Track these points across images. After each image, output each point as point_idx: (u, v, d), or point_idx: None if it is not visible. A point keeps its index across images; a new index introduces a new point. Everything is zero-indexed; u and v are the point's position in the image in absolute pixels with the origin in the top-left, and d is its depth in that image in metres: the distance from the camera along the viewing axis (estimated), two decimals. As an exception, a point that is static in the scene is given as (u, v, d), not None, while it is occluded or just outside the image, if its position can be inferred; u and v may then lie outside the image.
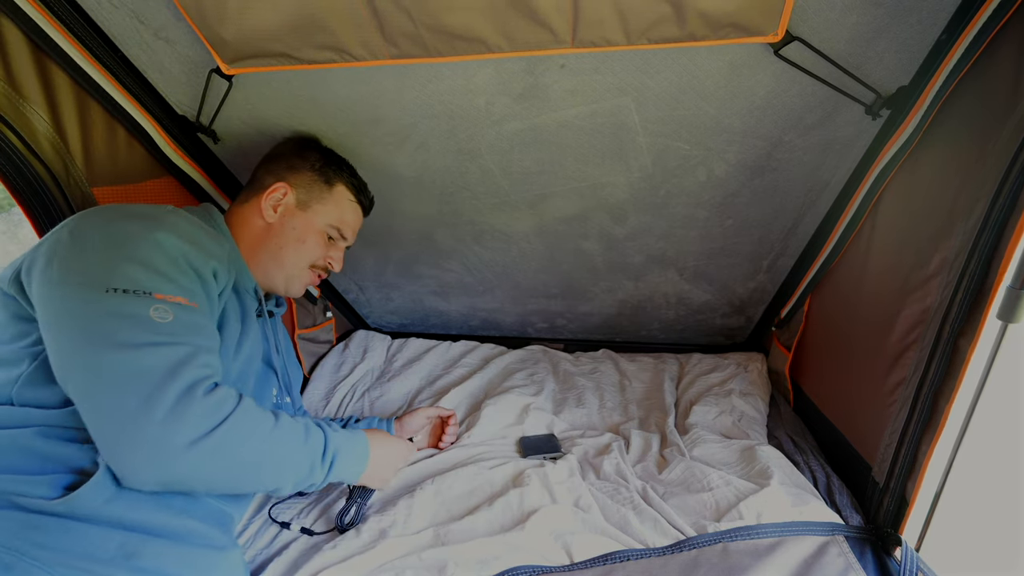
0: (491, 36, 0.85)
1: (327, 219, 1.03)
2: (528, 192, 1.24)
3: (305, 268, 1.02)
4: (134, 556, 0.68)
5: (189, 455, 0.67)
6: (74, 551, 0.65)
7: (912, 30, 0.82)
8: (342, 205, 1.06)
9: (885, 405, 0.92)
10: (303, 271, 1.02)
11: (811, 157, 1.06)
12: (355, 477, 0.93)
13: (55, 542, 0.64)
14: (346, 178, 1.07)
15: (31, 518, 0.64)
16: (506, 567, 0.85)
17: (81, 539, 0.66)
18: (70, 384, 0.68)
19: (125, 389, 0.65)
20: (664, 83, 0.94)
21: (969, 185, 0.78)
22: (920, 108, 0.86)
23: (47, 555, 0.63)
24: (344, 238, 1.08)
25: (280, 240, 0.98)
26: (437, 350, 1.71)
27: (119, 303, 0.68)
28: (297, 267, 1.01)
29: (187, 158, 1.19)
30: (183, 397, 0.67)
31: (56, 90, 0.97)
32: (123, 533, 0.69)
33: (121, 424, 0.65)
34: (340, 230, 1.06)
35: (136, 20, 0.94)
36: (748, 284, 1.45)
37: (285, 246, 0.99)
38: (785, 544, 0.85)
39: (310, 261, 1.02)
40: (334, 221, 1.04)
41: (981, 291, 0.74)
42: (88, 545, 0.66)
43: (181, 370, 0.69)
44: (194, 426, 0.67)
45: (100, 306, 0.68)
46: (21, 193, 0.97)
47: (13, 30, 0.89)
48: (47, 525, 0.65)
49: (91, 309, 0.68)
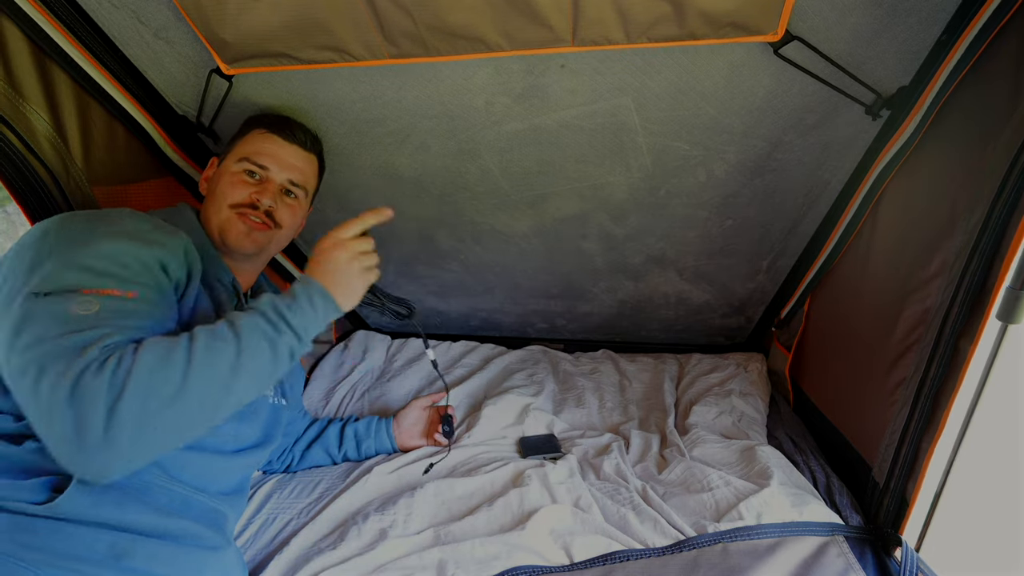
0: (491, 35, 0.85)
1: (235, 156, 0.98)
2: (528, 192, 1.24)
3: (227, 212, 0.94)
4: (124, 556, 0.68)
5: (112, 430, 0.62)
6: (63, 552, 0.64)
7: (912, 30, 0.82)
8: (253, 140, 0.99)
9: (885, 405, 0.92)
10: (227, 217, 0.94)
11: (811, 157, 1.06)
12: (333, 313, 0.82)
13: (43, 543, 0.64)
14: (263, 119, 1.02)
15: (19, 520, 0.64)
16: (506, 567, 0.85)
17: (70, 540, 0.65)
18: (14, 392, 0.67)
19: (38, 389, 0.63)
20: (664, 83, 0.94)
21: (970, 185, 0.78)
22: (920, 108, 0.86)
23: (35, 556, 0.62)
24: (262, 167, 0.97)
25: (208, 199, 0.97)
26: (437, 350, 1.71)
27: (44, 304, 0.67)
28: (220, 212, 0.94)
29: (187, 158, 1.19)
30: (80, 379, 0.62)
31: (56, 90, 0.97)
32: (113, 533, 0.68)
33: (45, 424, 0.63)
34: (253, 160, 0.96)
35: (136, 20, 0.94)
36: (748, 284, 1.45)
37: (210, 201, 0.97)
38: (785, 544, 0.85)
39: (228, 201, 0.94)
40: (242, 154, 0.97)
41: (982, 292, 0.74)
42: (77, 546, 0.66)
43: (83, 353, 0.64)
44: (100, 402, 0.62)
45: (24, 310, 0.67)
46: (21, 193, 0.97)
47: (13, 30, 0.89)
48: (35, 527, 0.64)
49: (21, 314, 0.66)
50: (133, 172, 1.12)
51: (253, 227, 0.95)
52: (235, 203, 0.95)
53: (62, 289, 0.68)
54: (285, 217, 0.99)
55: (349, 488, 1.07)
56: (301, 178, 1.02)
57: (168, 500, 0.76)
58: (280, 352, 0.75)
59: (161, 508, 0.74)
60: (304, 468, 1.19)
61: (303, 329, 0.77)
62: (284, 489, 1.10)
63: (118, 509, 0.69)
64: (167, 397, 0.65)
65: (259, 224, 0.95)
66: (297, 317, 0.76)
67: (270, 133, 1.00)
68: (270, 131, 1.00)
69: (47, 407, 0.62)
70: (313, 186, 1.07)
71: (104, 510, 0.68)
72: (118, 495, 0.70)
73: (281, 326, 0.75)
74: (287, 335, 0.75)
